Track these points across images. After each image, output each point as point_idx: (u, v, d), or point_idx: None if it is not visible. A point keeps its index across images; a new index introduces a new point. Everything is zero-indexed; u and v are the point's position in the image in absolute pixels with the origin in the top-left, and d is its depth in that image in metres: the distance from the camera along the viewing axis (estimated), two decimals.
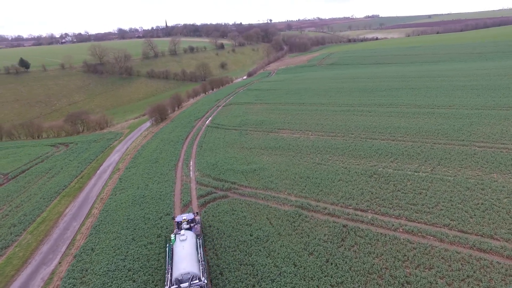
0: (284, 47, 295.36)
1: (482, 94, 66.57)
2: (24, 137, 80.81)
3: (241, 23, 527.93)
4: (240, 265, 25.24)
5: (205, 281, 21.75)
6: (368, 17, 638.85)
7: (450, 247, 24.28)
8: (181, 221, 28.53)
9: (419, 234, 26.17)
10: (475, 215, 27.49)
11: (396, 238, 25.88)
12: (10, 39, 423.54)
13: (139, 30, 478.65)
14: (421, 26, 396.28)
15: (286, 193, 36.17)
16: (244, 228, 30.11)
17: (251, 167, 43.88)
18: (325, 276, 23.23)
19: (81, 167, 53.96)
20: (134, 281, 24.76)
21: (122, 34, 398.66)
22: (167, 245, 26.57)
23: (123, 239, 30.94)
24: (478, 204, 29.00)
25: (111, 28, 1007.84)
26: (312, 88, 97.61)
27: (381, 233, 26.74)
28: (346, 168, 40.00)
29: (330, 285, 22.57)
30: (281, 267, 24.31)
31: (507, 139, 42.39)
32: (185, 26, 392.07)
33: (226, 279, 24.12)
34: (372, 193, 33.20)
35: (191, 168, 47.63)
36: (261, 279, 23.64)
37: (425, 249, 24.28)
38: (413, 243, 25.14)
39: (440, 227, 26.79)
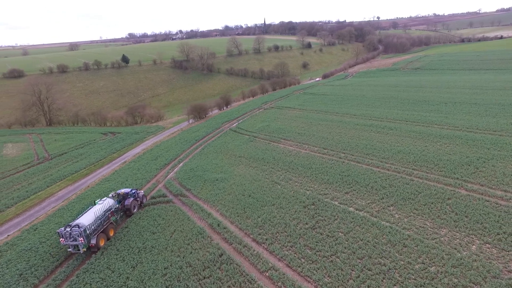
0: (379, 47, 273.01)
1: None
2: (93, 124, 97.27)
3: (345, 20, 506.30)
4: (106, 268, 26.77)
5: (82, 229, 27.69)
6: (502, 10, 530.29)
7: None
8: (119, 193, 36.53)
9: (279, 283, 22.99)
10: (358, 277, 22.52)
11: (250, 281, 23.37)
12: (138, 36, 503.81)
13: (243, 27, 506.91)
14: None
15: (216, 209, 35.66)
16: (146, 236, 31.33)
17: (217, 177, 44.19)
18: None
19: (103, 156, 62.55)
20: (27, 262, 28.77)
21: (223, 31, 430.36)
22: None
23: (63, 225, 35.67)
24: (377, 264, 23.54)
25: (220, 25, 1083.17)
26: (364, 96, 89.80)
27: (243, 272, 24.45)
28: (295, 192, 36.79)
29: None
30: (130, 281, 24.90)
31: None
32: (281, 23, 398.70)
33: (86, 277, 25.96)
34: (285, 226, 30.10)
35: (174, 170, 50.52)
36: (109, 286, 24.77)
37: None
38: None
39: (310, 282, 22.95)
